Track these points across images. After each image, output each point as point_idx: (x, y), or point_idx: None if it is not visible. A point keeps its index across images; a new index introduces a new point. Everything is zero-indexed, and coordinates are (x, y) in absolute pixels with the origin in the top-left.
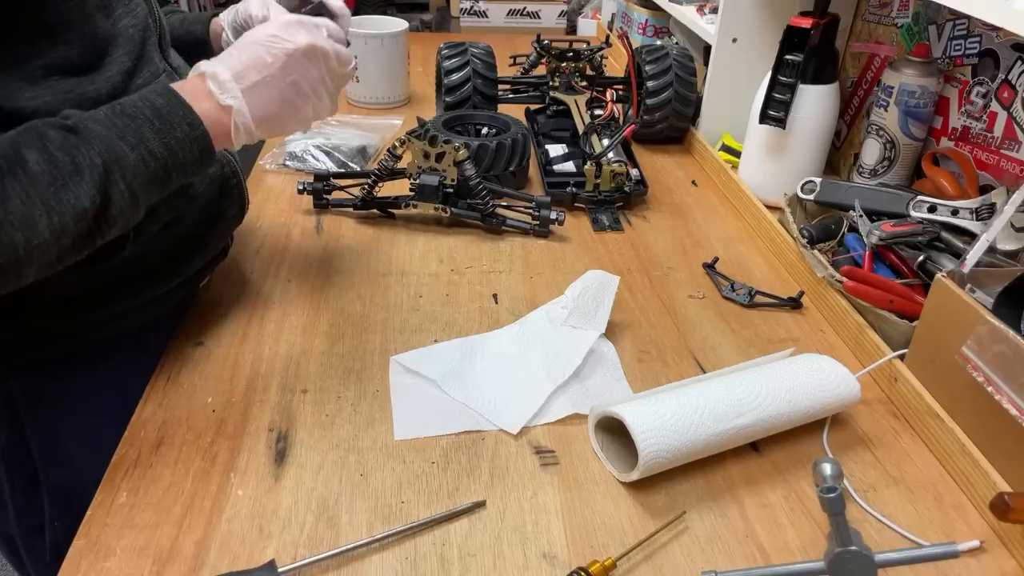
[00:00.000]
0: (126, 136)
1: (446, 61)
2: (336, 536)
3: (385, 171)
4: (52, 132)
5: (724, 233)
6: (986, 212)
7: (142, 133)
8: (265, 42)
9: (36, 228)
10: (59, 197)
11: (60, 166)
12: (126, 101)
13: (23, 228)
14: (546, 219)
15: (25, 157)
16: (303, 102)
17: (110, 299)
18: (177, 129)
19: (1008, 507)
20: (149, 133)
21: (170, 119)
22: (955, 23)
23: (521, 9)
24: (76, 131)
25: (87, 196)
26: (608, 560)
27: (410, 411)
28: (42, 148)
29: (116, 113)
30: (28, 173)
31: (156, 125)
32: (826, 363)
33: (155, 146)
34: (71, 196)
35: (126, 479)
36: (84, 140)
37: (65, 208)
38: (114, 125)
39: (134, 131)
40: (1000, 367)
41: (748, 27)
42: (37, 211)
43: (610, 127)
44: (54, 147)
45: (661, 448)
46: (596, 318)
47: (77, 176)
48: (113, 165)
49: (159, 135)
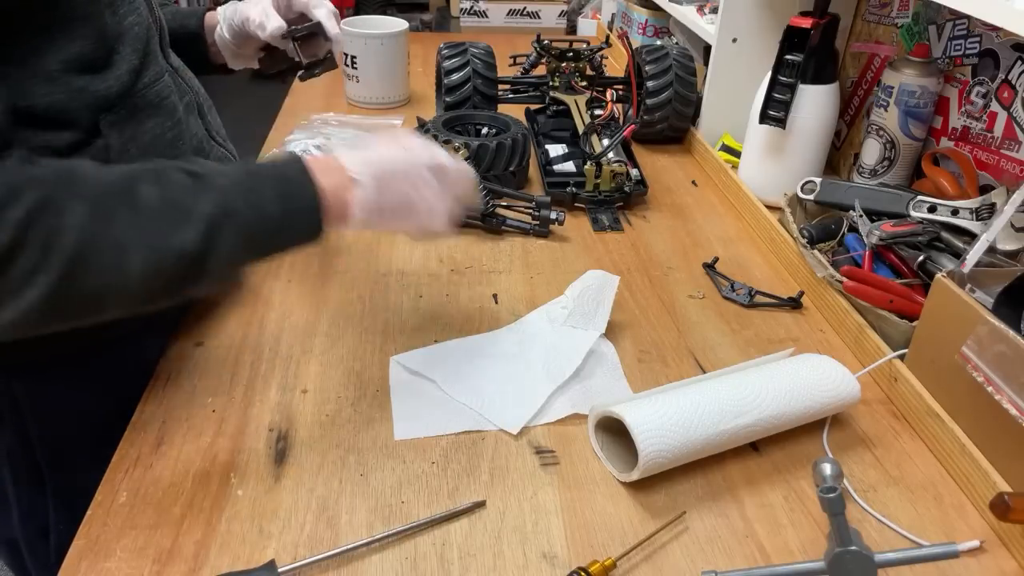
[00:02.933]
0: (247, 195)
1: (446, 61)
2: (336, 536)
3: None
4: (175, 175)
5: (724, 233)
6: (986, 212)
7: (263, 192)
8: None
9: (128, 259)
10: (164, 237)
11: (174, 207)
12: (257, 163)
13: (116, 255)
14: (546, 219)
15: (139, 191)
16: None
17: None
18: (298, 200)
19: (1008, 507)
20: (269, 192)
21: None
22: (955, 23)
23: (521, 9)
24: (200, 178)
25: (190, 241)
26: (608, 560)
27: (410, 411)
28: (160, 186)
29: (245, 169)
30: (136, 207)
31: (277, 188)
32: (826, 363)
33: (272, 207)
34: (177, 236)
35: (126, 479)
36: (203, 188)
37: (166, 248)
38: (239, 181)
39: (256, 191)
40: (1000, 367)
41: (748, 27)
42: (133, 245)
43: (610, 127)
44: (171, 188)
45: (661, 448)
46: (596, 318)
47: (185, 222)
48: (227, 217)
49: (280, 199)
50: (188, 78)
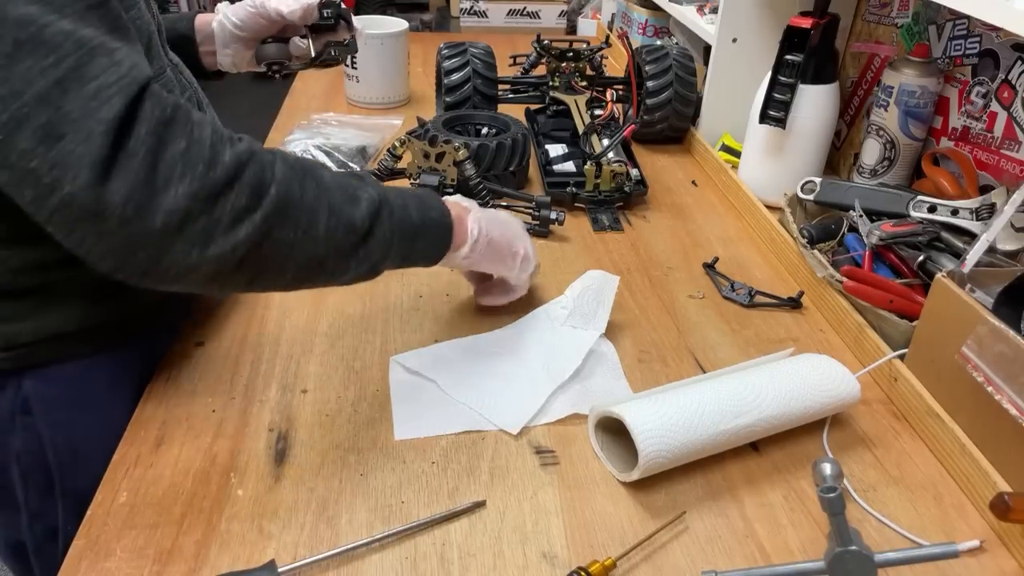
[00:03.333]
0: (397, 198)
1: (446, 61)
2: (336, 536)
3: (385, 171)
4: (340, 171)
5: (724, 233)
6: (986, 212)
7: (407, 200)
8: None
9: (316, 220)
10: (341, 207)
11: (345, 188)
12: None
13: (308, 213)
14: (546, 219)
15: (317, 170)
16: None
17: (125, 300)
18: (433, 211)
19: (1008, 507)
20: (412, 202)
21: (428, 202)
22: (955, 23)
23: (521, 9)
24: (360, 177)
25: (360, 216)
26: (608, 560)
27: (410, 411)
28: (330, 173)
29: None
30: (319, 180)
31: (417, 202)
32: (826, 363)
33: (415, 213)
34: (349, 210)
35: (126, 479)
36: (364, 182)
37: (343, 217)
38: (387, 189)
39: (401, 198)
40: (1000, 367)
41: (748, 27)
42: (322, 207)
43: (610, 127)
44: (340, 175)
45: (661, 448)
46: (596, 318)
47: (356, 200)
48: (384, 206)
49: (419, 207)
50: (187, 74)
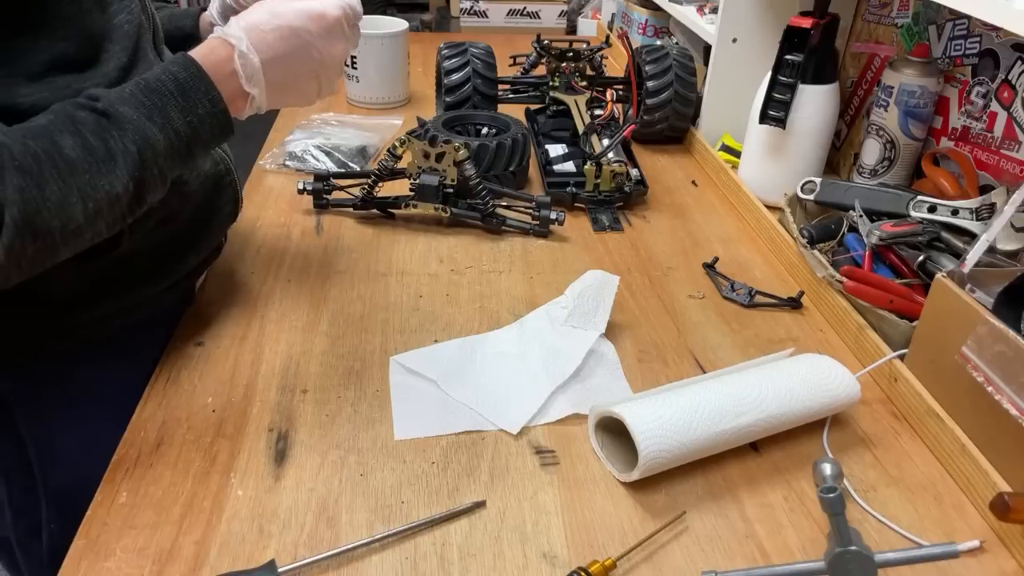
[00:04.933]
0: (153, 117)
1: (446, 61)
2: (336, 536)
3: (385, 171)
4: (83, 114)
5: (724, 233)
6: (986, 212)
7: (168, 112)
8: (295, 23)
9: (72, 214)
10: (95, 184)
11: (95, 152)
12: (150, 76)
13: (60, 215)
14: (546, 219)
15: (60, 144)
16: (315, 83)
17: (103, 297)
18: (199, 107)
19: (1008, 507)
20: (174, 112)
21: (193, 96)
22: (955, 23)
23: (521, 9)
24: (108, 115)
25: (120, 182)
26: (608, 560)
27: (410, 411)
28: (75, 132)
29: (142, 90)
30: (65, 159)
31: (180, 103)
32: (826, 363)
33: (180, 125)
34: (105, 182)
35: (126, 479)
36: (116, 125)
37: (100, 194)
38: (142, 104)
39: (160, 110)
40: (1000, 367)
41: (748, 27)
42: (73, 198)
43: (610, 127)
44: (87, 131)
45: (661, 448)
46: (596, 318)
47: (111, 162)
48: (146, 151)
49: (183, 113)
50: None
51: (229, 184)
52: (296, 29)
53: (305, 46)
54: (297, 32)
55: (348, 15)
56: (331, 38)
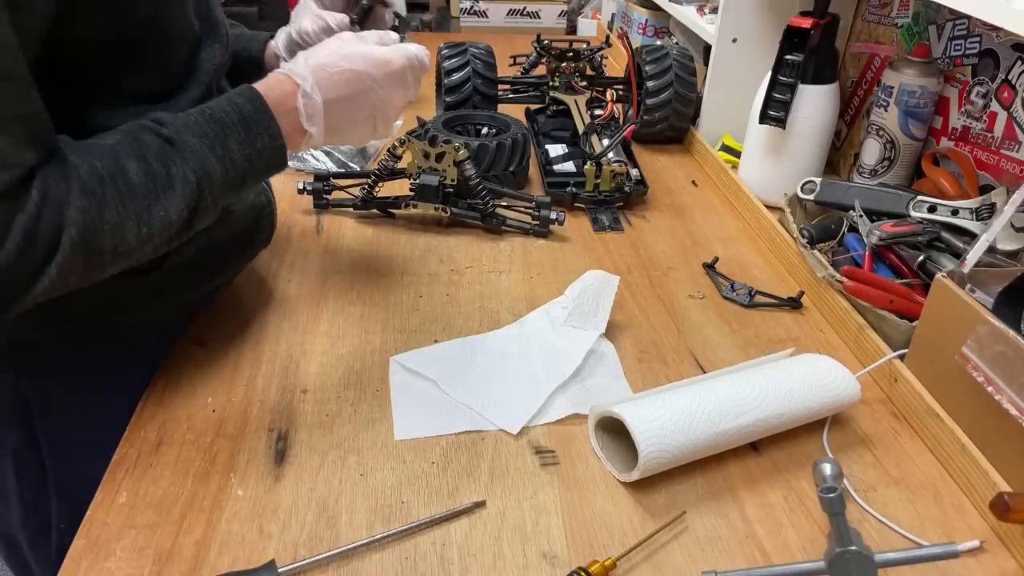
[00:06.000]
0: (215, 147)
1: (446, 61)
2: (336, 536)
3: (385, 171)
4: (149, 138)
5: (724, 233)
6: (986, 212)
7: (228, 144)
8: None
9: (126, 237)
10: (151, 210)
11: (157, 178)
12: (215, 106)
13: (114, 236)
14: (546, 219)
15: (126, 168)
16: (372, 125)
17: (132, 307)
18: (259, 141)
19: (1008, 507)
20: (234, 144)
21: (255, 129)
22: (955, 23)
23: (521, 9)
24: (172, 143)
25: (176, 210)
26: (608, 560)
27: (410, 411)
28: (141, 157)
29: (207, 119)
30: (128, 184)
31: (241, 135)
32: (826, 363)
33: (238, 157)
34: (161, 209)
35: (126, 479)
36: (180, 153)
37: (155, 220)
38: (205, 135)
39: (222, 141)
40: (1000, 367)
41: (748, 27)
42: (130, 222)
43: (610, 127)
44: (152, 157)
45: (661, 448)
46: (596, 318)
47: (170, 190)
48: (204, 180)
49: (242, 146)
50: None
51: (269, 214)
52: (361, 74)
53: (367, 91)
54: (361, 77)
55: (414, 66)
56: (393, 85)
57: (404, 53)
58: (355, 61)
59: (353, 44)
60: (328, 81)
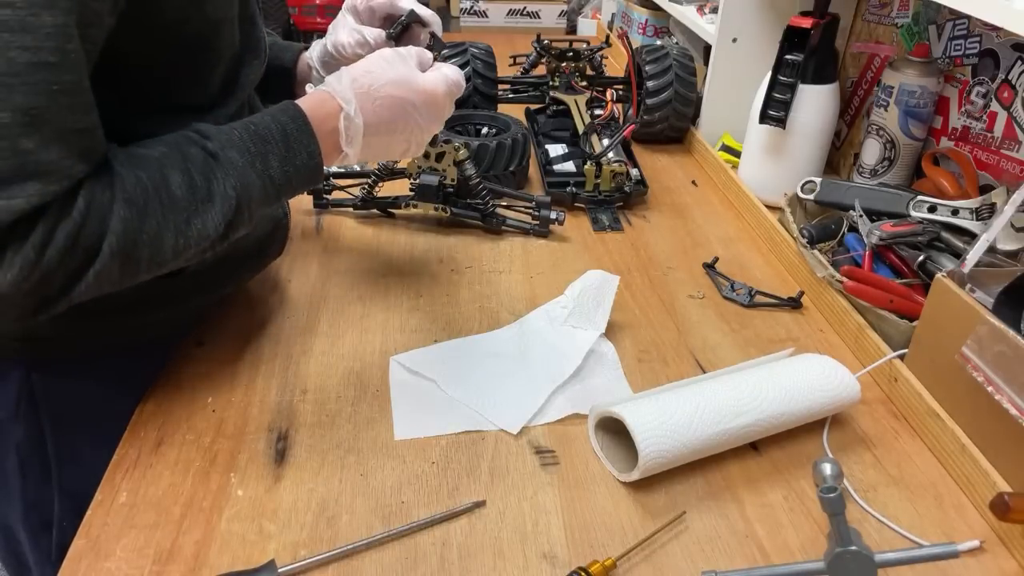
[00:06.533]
0: (255, 164)
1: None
2: (336, 536)
3: (385, 171)
4: (194, 151)
5: (724, 233)
6: (986, 212)
7: (268, 160)
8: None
9: (163, 247)
10: (189, 222)
11: (198, 191)
12: (259, 121)
13: (151, 246)
14: (546, 219)
15: (169, 180)
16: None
17: (147, 310)
18: (297, 158)
19: (1008, 507)
20: (274, 160)
21: (295, 147)
22: (955, 23)
23: (521, 9)
24: (216, 157)
25: (213, 225)
26: (608, 560)
27: (410, 411)
28: (184, 170)
29: (251, 135)
30: (171, 196)
31: (282, 151)
32: (826, 363)
33: (276, 173)
34: (200, 222)
35: (126, 479)
36: (222, 168)
37: (192, 232)
38: (247, 151)
39: (263, 157)
40: (1000, 367)
41: (748, 27)
42: (168, 233)
43: (610, 127)
44: (195, 170)
45: (661, 448)
46: (596, 318)
47: (210, 204)
48: (243, 196)
49: (282, 162)
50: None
51: (284, 227)
52: (403, 100)
53: (406, 116)
54: (403, 104)
55: (453, 92)
56: (432, 112)
57: (445, 80)
58: (399, 87)
59: (396, 67)
60: (371, 105)
